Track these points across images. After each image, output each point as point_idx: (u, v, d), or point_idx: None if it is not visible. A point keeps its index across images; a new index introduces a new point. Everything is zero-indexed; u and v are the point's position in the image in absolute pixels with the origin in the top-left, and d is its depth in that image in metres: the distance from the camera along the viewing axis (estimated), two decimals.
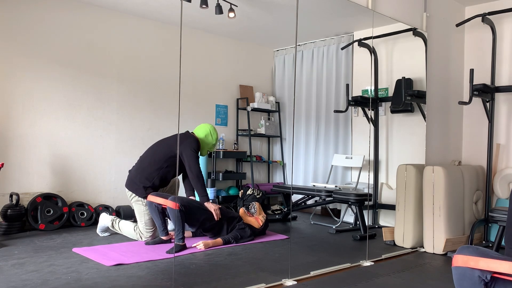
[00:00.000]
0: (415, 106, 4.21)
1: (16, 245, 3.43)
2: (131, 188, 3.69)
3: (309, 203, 4.72)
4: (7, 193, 4.01)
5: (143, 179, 3.66)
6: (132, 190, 3.68)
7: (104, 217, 3.82)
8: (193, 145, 3.67)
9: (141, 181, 3.65)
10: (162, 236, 3.57)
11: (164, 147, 3.72)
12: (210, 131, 3.86)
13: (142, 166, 3.71)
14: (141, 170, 3.69)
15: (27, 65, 4.19)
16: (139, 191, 3.65)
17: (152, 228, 3.69)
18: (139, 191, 3.65)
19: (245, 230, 3.77)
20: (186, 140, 3.71)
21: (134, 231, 3.69)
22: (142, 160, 3.77)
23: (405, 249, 3.73)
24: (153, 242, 3.56)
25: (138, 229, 3.69)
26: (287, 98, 5.74)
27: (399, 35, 4.23)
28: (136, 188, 3.66)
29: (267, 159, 5.88)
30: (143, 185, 3.65)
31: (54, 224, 4.06)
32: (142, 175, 3.67)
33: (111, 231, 3.88)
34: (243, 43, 5.72)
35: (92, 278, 2.63)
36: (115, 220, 3.80)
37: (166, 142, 3.76)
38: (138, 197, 3.67)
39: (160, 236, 3.59)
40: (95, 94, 4.60)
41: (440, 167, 3.67)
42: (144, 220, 3.67)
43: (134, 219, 4.04)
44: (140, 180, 3.66)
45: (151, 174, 3.66)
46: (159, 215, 3.54)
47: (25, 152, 4.17)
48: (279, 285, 2.66)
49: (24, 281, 2.53)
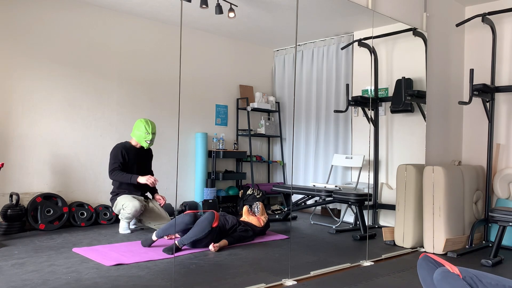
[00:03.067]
0: (415, 106, 4.21)
1: (16, 245, 3.43)
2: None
3: (309, 203, 4.72)
4: (7, 193, 4.01)
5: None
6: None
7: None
8: (111, 155, 4.15)
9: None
10: (161, 237, 3.58)
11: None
12: (138, 122, 4.18)
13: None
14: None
15: (27, 65, 4.19)
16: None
17: (135, 203, 3.96)
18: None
19: (247, 232, 3.76)
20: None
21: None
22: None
23: (405, 249, 3.73)
24: (147, 243, 3.54)
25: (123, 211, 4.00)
26: (287, 98, 5.74)
27: (399, 35, 4.23)
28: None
29: (267, 159, 5.88)
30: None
31: (54, 224, 4.05)
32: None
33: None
34: (243, 43, 5.72)
35: (92, 278, 2.63)
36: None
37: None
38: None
39: (159, 236, 3.59)
40: (95, 94, 4.60)
41: (440, 167, 3.66)
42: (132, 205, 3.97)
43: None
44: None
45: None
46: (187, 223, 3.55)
47: (25, 152, 4.17)
48: (279, 285, 2.66)
49: (24, 281, 2.53)
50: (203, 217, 3.47)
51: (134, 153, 4.20)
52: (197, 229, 3.38)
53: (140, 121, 4.18)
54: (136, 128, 4.17)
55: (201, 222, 3.43)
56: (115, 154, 4.13)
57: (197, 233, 3.37)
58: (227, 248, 3.51)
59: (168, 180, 4.80)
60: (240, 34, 5.43)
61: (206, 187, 5.04)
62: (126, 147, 4.18)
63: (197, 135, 5.18)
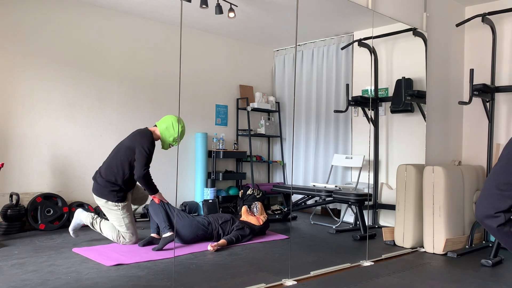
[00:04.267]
0: (415, 106, 4.21)
1: (16, 245, 3.43)
2: (102, 195, 3.55)
3: (309, 203, 4.72)
4: (7, 193, 4.01)
5: (110, 184, 3.54)
6: (103, 196, 3.55)
7: (81, 214, 3.60)
8: (145, 144, 3.54)
9: (110, 186, 3.54)
10: (158, 234, 3.56)
11: (125, 150, 3.59)
12: (172, 123, 3.68)
13: (108, 171, 3.58)
14: (108, 175, 3.56)
15: (27, 65, 4.19)
16: (111, 196, 3.53)
17: (134, 231, 3.61)
18: (111, 196, 3.53)
19: (244, 230, 3.77)
20: (141, 138, 3.59)
21: (116, 235, 3.56)
22: (107, 164, 3.63)
23: (405, 249, 3.73)
24: (147, 242, 3.54)
25: (120, 233, 3.57)
26: (287, 98, 5.74)
27: (399, 35, 4.23)
28: (106, 193, 3.54)
29: (267, 159, 5.88)
30: (112, 189, 3.54)
31: (54, 224, 4.05)
32: (109, 180, 3.54)
33: (80, 232, 3.69)
34: (243, 43, 5.72)
35: (92, 278, 2.63)
36: (95, 219, 3.61)
37: (126, 145, 3.62)
38: (112, 203, 3.55)
39: (157, 235, 3.58)
40: (95, 94, 4.60)
41: (440, 167, 3.66)
42: (125, 224, 3.56)
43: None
44: (107, 185, 3.54)
45: (117, 178, 3.55)
46: (163, 214, 3.53)
47: (25, 152, 4.17)
48: (279, 285, 2.66)
49: (24, 281, 2.53)
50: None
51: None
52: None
53: (176, 119, 3.71)
54: (169, 125, 3.68)
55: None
56: (152, 148, 3.57)
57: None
58: (227, 248, 3.51)
59: (168, 180, 4.81)
60: (240, 34, 5.43)
61: (206, 187, 5.03)
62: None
63: (197, 135, 5.18)
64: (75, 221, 3.59)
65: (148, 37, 4.95)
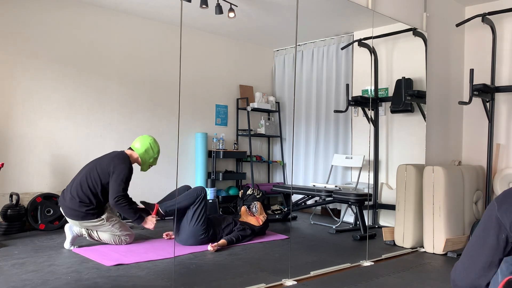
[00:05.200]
0: (415, 106, 4.21)
1: (16, 245, 3.43)
2: (78, 217, 3.36)
3: (309, 203, 4.72)
4: (7, 193, 4.01)
5: (85, 205, 3.36)
6: (80, 218, 3.36)
7: (73, 228, 3.41)
8: (123, 171, 3.43)
9: (84, 207, 3.36)
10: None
11: (101, 172, 3.44)
12: (151, 145, 3.64)
13: (80, 192, 3.39)
14: (80, 196, 3.38)
15: (27, 65, 4.19)
16: (88, 216, 3.37)
17: (128, 229, 3.59)
18: (88, 216, 3.37)
19: (245, 230, 3.77)
20: (120, 164, 3.46)
21: (118, 239, 3.51)
22: (77, 184, 3.42)
23: (405, 249, 3.73)
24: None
25: (119, 237, 3.52)
26: (287, 98, 5.74)
27: (399, 35, 4.23)
28: (83, 215, 3.36)
29: (267, 159, 5.88)
30: (87, 209, 3.36)
31: (54, 224, 4.05)
32: (83, 201, 3.37)
33: (79, 242, 3.48)
34: (243, 43, 5.72)
35: (92, 278, 2.63)
36: (91, 229, 3.48)
37: (101, 167, 3.46)
38: (94, 220, 3.40)
39: (164, 211, 3.62)
40: (95, 94, 4.60)
41: (440, 167, 3.66)
42: (118, 230, 3.50)
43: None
44: (81, 206, 3.35)
45: (91, 199, 3.39)
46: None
47: (25, 152, 4.17)
48: (279, 285, 2.66)
49: (24, 281, 2.53)
50: (193, 189, 3.65)
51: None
52: (182, 197, 3.55)
53: (153, 140, 3.69)
54: (148, 148, 3.63)
55: (188, 192, 3.61)
56: (130, 175, 3.48)
57: (181, 199, 3.53)
58: (227, 248, 3.51)
59: (168, 180, 4.81)
60: (240, 34, 5.44)
61: (206, 187, 5.03)
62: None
63: (197, 135, 5.18)
64: (69, 236, 3.38)
65: (148, 37, 4.95)
